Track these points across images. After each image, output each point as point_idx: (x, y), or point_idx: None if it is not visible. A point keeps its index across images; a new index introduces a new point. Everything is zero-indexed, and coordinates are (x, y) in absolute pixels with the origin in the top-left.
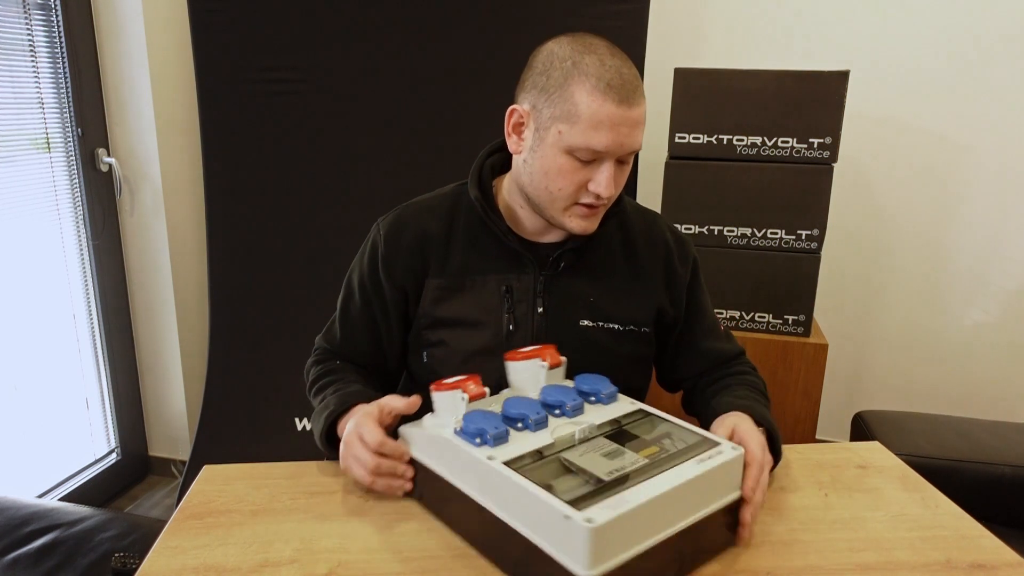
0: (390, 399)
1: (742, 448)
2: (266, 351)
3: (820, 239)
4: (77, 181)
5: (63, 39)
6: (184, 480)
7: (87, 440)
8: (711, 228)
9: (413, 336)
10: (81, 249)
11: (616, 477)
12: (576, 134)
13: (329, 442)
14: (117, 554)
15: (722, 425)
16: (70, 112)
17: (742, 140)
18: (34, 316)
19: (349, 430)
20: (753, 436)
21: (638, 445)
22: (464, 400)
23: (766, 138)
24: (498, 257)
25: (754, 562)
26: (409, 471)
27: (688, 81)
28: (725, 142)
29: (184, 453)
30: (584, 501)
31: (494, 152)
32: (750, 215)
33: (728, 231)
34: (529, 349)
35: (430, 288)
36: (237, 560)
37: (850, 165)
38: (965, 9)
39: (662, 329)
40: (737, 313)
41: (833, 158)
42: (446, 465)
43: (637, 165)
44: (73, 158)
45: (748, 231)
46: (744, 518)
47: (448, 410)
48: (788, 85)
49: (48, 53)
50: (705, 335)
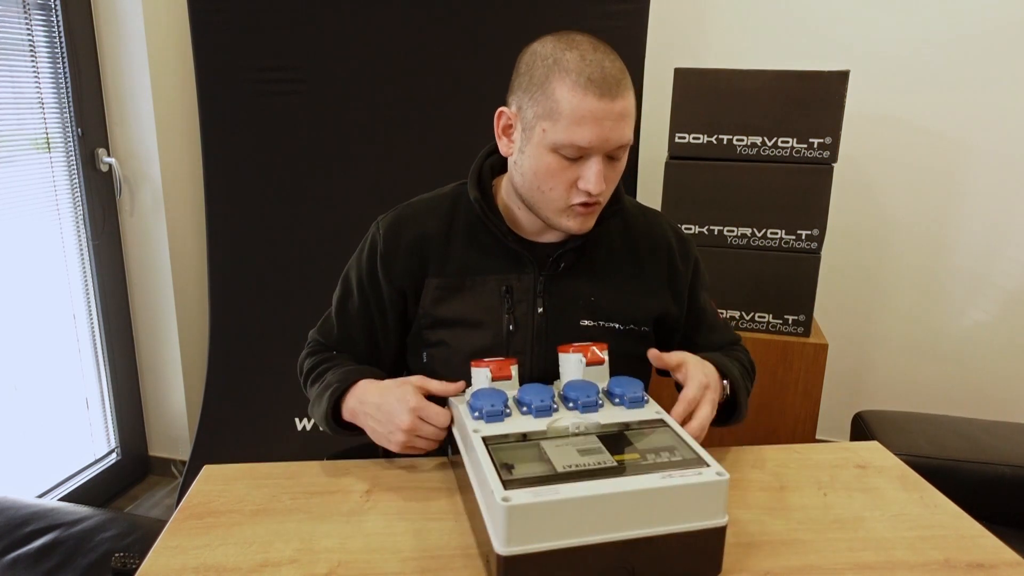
0: (427, 380)
1: (727, 475)
2: (266, 351)
3: (820, 239)
4: (77, 181)
5: (63, 39)
6: (184, 480)
7: (87, 440)
8: (711, 228)
9: (413, 336)
10: (81, 249)
11: (570, 471)
12: (559, 131)
13: (335, 421)
14: (117, 554)
15: (674, 357)
16: (70, 112)
17: (742, 140)
18: (34, 316)
19: (395, 389)
20: (699, 368)
21: (623, 449)
22: (487, 378)
23: (766, 138)
24: (498, 257)
25: (754, 562)
26: (438, 435)
27: (688, 81)
28: (725, 142)
29: (184, 453)
30: (523, 485)
31: (493, 152)
32: (750, 215)
33: (728, 231)
34: (580, 344)
35: (430, 288)
36: (237, 560)
37: (850, 165)
38: (965, 9)
39: (664, 328)
40: (737, 313)
41: (833, 158)
42: (458, 432)
43: (637, 165)
44: (73, 158)
45: (748, 231)
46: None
47: (477, 385)
48: (788, 85)
49: (48, 53)
50: (707, 332)
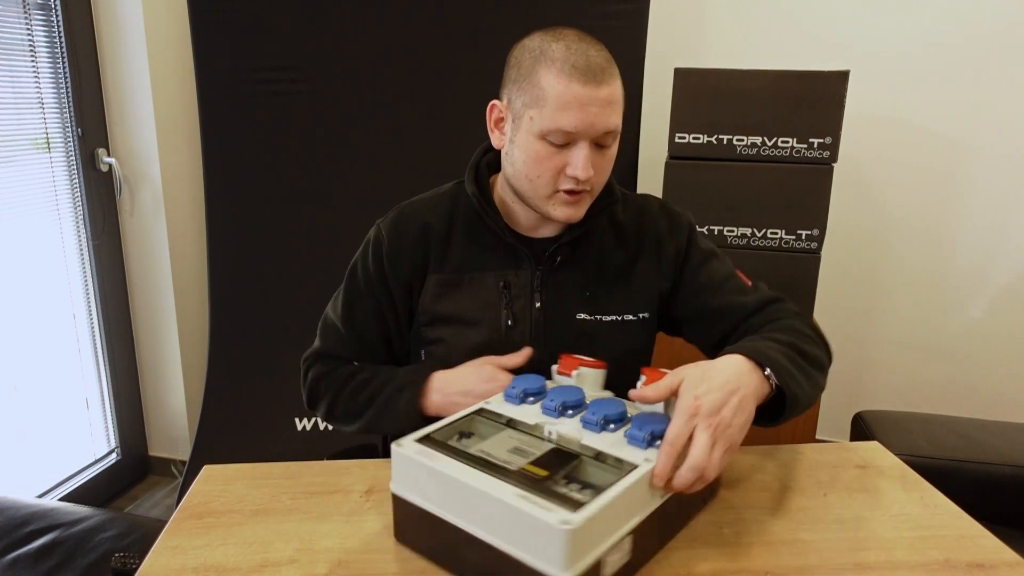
0: (497, 357)
1: (568, 527)
2: (266, 351)
3: (820, 239)
4: (77, 181)
5: (63, 39)
6: (184, 480)
7: (87, 440)
8: (711, 228)
9: (412, 334)
10: (81, 249)
11: (480, 456)
12: (546, 117)
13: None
14: (117, 554)
15: (662, 388)
16: (70, 112)
17: (742, 140)
18: (34, 316)
19: (476, 371)
20: (691, 387)
21: (557, 467)
22: (554, 370)
23: (766, 138)
24: (495, 253)
25: (753, 562)
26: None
27: (688, 81)
28: (725, 142)
29: (184, 453)
30: (434, 446)
31: (491, 149)
32: (750, 215)
33: (728, 231)
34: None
35: (430, 284)
36: (237, 560)
37: (850, 165)
38: (965, 9)
39: (670, 307)
40: None
41: (833, 158)
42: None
43: (637, 165)
44: (73, 158)
45: (748, 231)
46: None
47: (580, 383)
48: (788, 85)
49: (48, 53)
50: (717, 294)
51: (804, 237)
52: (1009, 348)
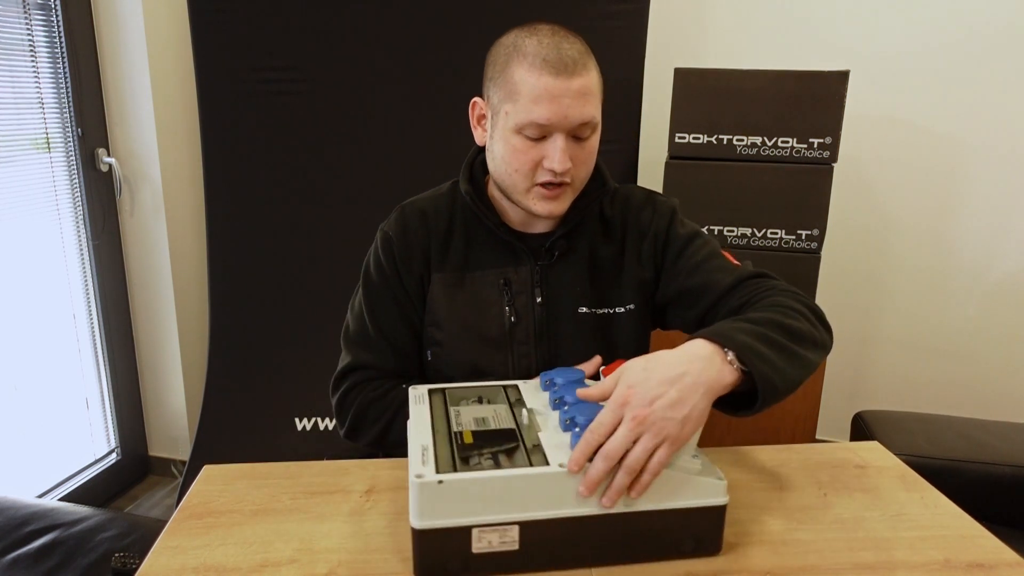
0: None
1: (434, 479)
2: (266, 351)
3: (820, 239)
4: (77, 181)
5: (63, 39)
6: (184, 480)
7: (87, 440)
8: (711, 228)
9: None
10: (81, 249)
11: (443, 415)
12: (520, 111)
13: None
14: (117, 554)
15: (607, 384)
16: (70, 112)
17: (742, 140)
18: (34, 316)
19: None
20: (627, 375)
21: (487, 442)
22: (601, 371)
23: (766, 138)
24: (494, 250)
25: (753, 562)
26: None
27: (688, 81)
28: (725, 142)
29: (184, 453)
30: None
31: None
32: (750, 215)
33: (728, 231)
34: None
35: (435, 283)
36: (237, 560)
37: (850, 165)
38: (965, 9)
39: (655, 295)
40: None
41: (833, 158)
42: None
43: (637, 165)
44: (73, 158)
45: (748, 231)
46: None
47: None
48: (788, 85)
49: (48, 53)
50: (695, 273)
51: (804, 237)
52: (1009, 348)
